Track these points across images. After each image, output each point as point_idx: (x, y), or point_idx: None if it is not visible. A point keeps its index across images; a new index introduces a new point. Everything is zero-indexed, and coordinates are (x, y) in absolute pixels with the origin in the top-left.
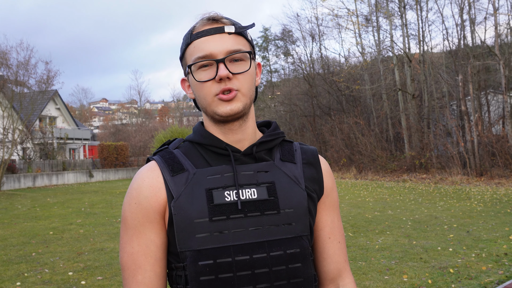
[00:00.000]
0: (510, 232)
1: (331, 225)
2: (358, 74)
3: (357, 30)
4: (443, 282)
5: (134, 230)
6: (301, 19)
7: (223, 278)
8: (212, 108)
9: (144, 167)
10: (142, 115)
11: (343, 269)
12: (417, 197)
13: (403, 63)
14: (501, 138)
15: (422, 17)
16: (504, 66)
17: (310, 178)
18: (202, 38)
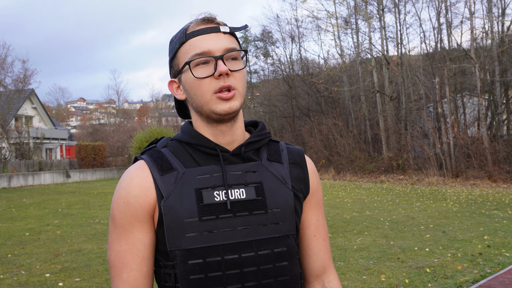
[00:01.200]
0: (484, 232)
1: (316, 223)
2: (337, 76)
3: (336, 32)
4: (420, 282)
5: (122, 229)
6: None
7: (212, 276)
8: (210, 106)
9: (133, 166)
10: (121, 115)
11: (327, 266)
12: (394, 198)
13: (381, 65)
14: (476, 140)
15: (400, 20)
16: (479, 69)
17: (296, 177)
18: (198, 36)
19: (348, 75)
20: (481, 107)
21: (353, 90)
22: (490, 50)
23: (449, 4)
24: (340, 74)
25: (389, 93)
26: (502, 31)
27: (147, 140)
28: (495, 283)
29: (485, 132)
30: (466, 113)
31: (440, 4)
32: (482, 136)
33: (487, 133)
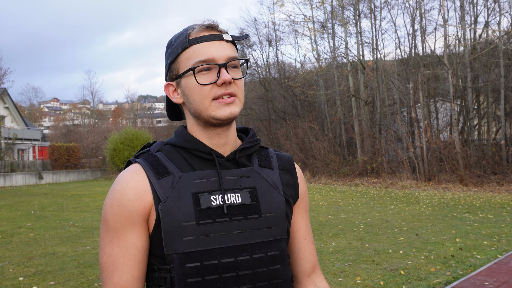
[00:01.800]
0: (456, 235)
1: (306, 227)
2: (313, 80)
3: (313, 36)
4: (395, 284)
5: (115, 232)
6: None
7: (209, 280)
8: (210, 112)
9: (128, 170)
10: (95, 116)
11: (316, 267)
12: (368, 201)
13: (357, 70)
14: (449, 144)
15: (375, 26)
16: (452, 75)
17: (287, 183)
18: (202, 43)
19: (324, 79)
20: (453, 113)
21: (329, 94)
22: (463, 57)
23: (423, 11)
24: (316, 78)
25: (364, 97)
26: (474, 38)
27: (122, 141)
28: (467, 285)
29: (457, 137)
30: (439, 118)
31: (414, 11)
32: (454, 140)
33: (459, 138)
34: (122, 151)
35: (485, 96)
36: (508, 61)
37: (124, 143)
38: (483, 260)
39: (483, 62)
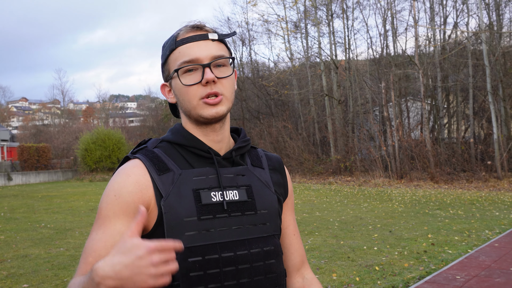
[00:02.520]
0: (428, 231)
1: (294, 223)
2: (286, 79)
3: (286, 36)
4: (370, 279)
5: (104, 219)
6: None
7: (211, 273)
8: (197, 111)
9: (128, 164)
10: (65, 115)
11: (305, 260)
12: (342, 199)
13: (330, 70)
14: (420, 143)
15: (348, 26)
16: (423, 75)
17: (277, 182)
18: (187, 44)
19: (298, 79)
20: (424, 111)
21: (302, 93)
22: (433, 57)
23: (394, 12)
24: (290, 77)
25: (337, 96)
26: (444, 39)
27: (93, 141)
28: (440, 279)
29: (427, 135)
30: (410, 117)
31: (386, 12)
32: (425, 139)
33: (430, 136)
34: (94, 151)
35: (454, 96)
36: (476, 61)
37: (96, 143)
38: (455, 255)
39: (452, 62)
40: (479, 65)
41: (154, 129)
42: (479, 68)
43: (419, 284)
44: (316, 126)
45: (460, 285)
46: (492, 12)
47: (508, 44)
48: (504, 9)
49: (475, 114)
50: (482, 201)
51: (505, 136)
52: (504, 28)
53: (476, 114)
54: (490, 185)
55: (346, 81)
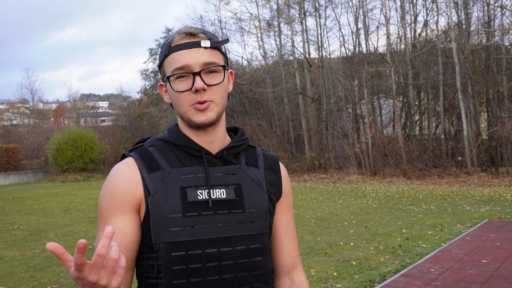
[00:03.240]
0: (402, 226)
1: (287, 223)
2: (260, 77)
3: (260, 34)
4: (347, 274)
5: (106, 219)
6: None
7: (193, 268)
8: (188, 116)
9: (121, 163)
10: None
11: (296, 262)
12: (318, 196)
13: (303, 68)
14: (392, 139)
15: (320, 24)
16: (394, 73)
17: (271, 182)
18: (179, 51)
19: (271, 77)
20: (396, 109)
21: (276, 92)
22: (404, 55)
23: (366, 10)
24: (264, 75)
25: (311, 94)
26: (414, 37)
27: (65, 141)
28: (415, 272)
29: (400, 132)
30: (382, 114)
31: (358, 10)
32: (397, 136)
33: (402, 133)
34: (66, 151)
35: (425, 93)
36: (446, 59)
37: (68, 143)
38: (428, 249)
39: (423, 60)
40: (448, 62)
41: (127, 129)
42: (449, 65)
43: (395, 278)
44: (290, 124)
45: (434, 277)
46: (460, 11)
47: (477, 42)
48: (472, 8)
49: (446, 111)
50: (453, 196)
51: (474, 133)
52: (473, 27)
53: (447, 111)
54: (461, 180)
55: (319, 79)
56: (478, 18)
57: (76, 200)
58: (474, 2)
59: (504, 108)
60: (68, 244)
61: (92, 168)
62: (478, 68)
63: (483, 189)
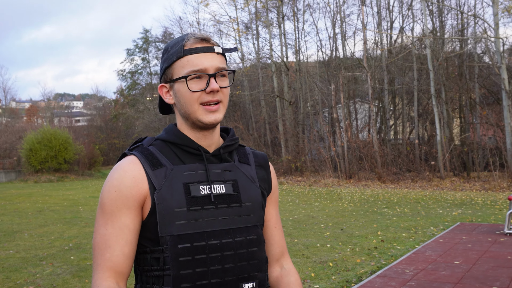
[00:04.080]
0: (378, 228)
1: (276, 216)
2: (238, 80)
3: (238, 37)
4: (325, 275)
5: (110, 214)
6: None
7: (198, 258)
8: (197, 115)
9: (125, 160)
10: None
11: (284, 251)
12: (294, 199)
13: (281, 71)
14: (368, 143)
15: (298, 28)
16: (370, 78)
17: (262, 178)
18: (196, 54)
19: (249, 80)
20: (372, 113)
21: (253, 94)
22: (380, 61)
23: (343, 16)
24: (241, 78)
25: (288, 98)
26: (391, 43)
27: (39, 141)
28: (390, 273)
29: (375, 136)
30: (358, 118)
31: (335, 15)
32: (372, 140)
33: (377, 137)
34: (39, 151)
35: (400, 98)
36: (420, 65)
37: (42, 143)
38: (403, 250)
39: (399, 65)
40: (423, 69)
41: (102, 129)
42: (423, 72)
43: (371, 278)
44: (267, 127)
45: (409, 278)
46: (435, 18)
47: (450, 50)
48: (446, 16)
49: (420, 116)
50: (426, 200)
51: (447, 138)
52: (447, 34)
53: (421, 116)
54: (434, 184)
55: (296, 82)
56: (452, 26)
57: (50, 200)
58: (448, 10)
59: (476, 115)
60: (43, 245)
61: (66, 168)
62: (452, 75)
63: (455, 193)
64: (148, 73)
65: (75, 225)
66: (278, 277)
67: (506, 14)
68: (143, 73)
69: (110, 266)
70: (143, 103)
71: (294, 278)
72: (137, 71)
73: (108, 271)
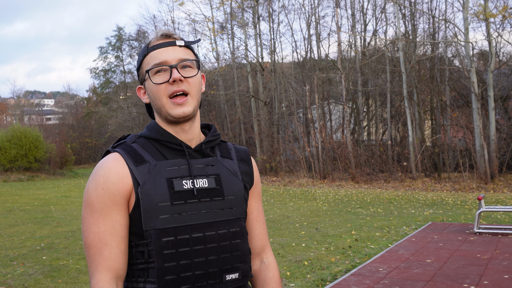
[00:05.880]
0: (352, 228)
1: (258, 210)
2: (213, 80)
3: (213, 36)
4: (300, 273)
5: (100, 212)
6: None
7: (182, 251)
8: (166, 109)
9: (108, 158)
10: None
11: (266, 245)
12: (269, 199)
13: (256, 71)
14: (342, 144)
15: (274, 29)
16: (345, 79)
17: (244, 172)
18: (158, 49)
19: (224, 79)
20: (346, 114)
21: (228, 94)
22: (354, 62)
23: (318, 17)
24: (216, 78)
25: (263, 98)
26: (364, 45)
27: (8, 139)
28: (364, 271)
29: (349, 137)
30: (332, 119)
31: (310, 17)
32: (346, 140)
33: (351, 138)
34: (9, 149)
35: (374, 100)
36: (393, 67)
37: (11, 141)
38: (377, 249)
39: (372, 67)
40: (396, 71)
41: (74, 128)
42: (396, 74)
43: (346, 277)
44: (242, 127)
45: (382, 276)
46: (408, 22)
47: (422, 53)
48: (418, 20)
49: (392, 118)
50: (399, 200)
51: (419, 139)
52: (419, 38)
53: (393, 117)
54: (406, 185)
55: (271, 83)
56: (424, 30)
57: (20, 200)
58: (420, 14)
59: (446, 117)
60: (14, 245)
61: (37, 167)
62: (423, 77)
63: (426, 194)
64: (121, 71)
65: (47, 225)
66: (257, 271)
67: (475, 19)
68: (117, 71)
69: (109, 266)
70: (117, 101)
71: (271, 273)
72: (110, 69)
73: (108, 272)
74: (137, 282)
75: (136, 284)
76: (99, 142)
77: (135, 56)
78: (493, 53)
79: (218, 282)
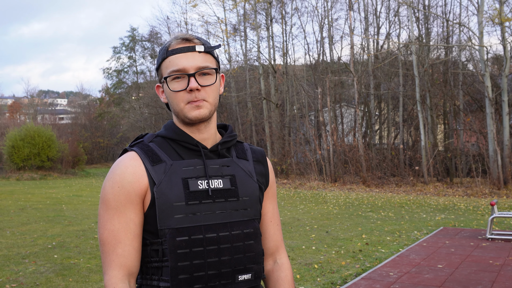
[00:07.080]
0: (362, 231)
1: (273, 211)
2: (225, 81)
3: (226, 38)
4: (310, 276)
5: (115, 210)
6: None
7: (195, 251)
8: (184, 113)
9: (125, 157)
10: None
11: (280, 246)
12: (279, 201)
13: (268, 73)
14: (353, 147)
15: (286, 31)
16: (357, 82)
17: (259, 173)
18: (177, 54)
19: (236, 81)
20: (357, 118)
21: (240, 96)
22: (367, 65)
23: (331, 20)
24: (228, 79)
25: (274, 100)
26: (377, 49)
27: (22, 138)
28: (375, 275)
29: (360, 141)
30: (344, 122)
31: (323, 19)
32: (358, 144)
33: (362, 141)
34: (22, 148)
35: (386, 103)
36: (406, 71)
37: (25, 140)
38: (387, 254)
39: (385, 71)
40: (409, 75)
41: (87, 127)
42: (409, 78)
43: (356, 280)
44: (253, 129)
45: (393, 281)
46: (421, 25)
47: (436, 57)
48: (432, 23)
49: (404, 122)
50: (410, 204)
51: (431, 144)
52: (432, 41)
53: (405, 121)
54: (417, 189)
55: (283, 85)
56: (437, 33)
57: (33, 198)
58: (434, 18)
59: (459, 121)
60: (26, 243)
61: (50, 166)
62: (437, 81)
63: (438, 198)
64: (134, 72)
65: (58, 224)
66: (270, 271)
67: (490, 23)
68: (129, 72)
69: (122, 263)
70: (129, 102)
71: (284, 273)
72: (123, 70)
73: (122, 269)
74: (151, 280)
75: (150, 281)
76: (111, 142)
77: (148, 57)
78: (508, 57)
79: (231, 282)
